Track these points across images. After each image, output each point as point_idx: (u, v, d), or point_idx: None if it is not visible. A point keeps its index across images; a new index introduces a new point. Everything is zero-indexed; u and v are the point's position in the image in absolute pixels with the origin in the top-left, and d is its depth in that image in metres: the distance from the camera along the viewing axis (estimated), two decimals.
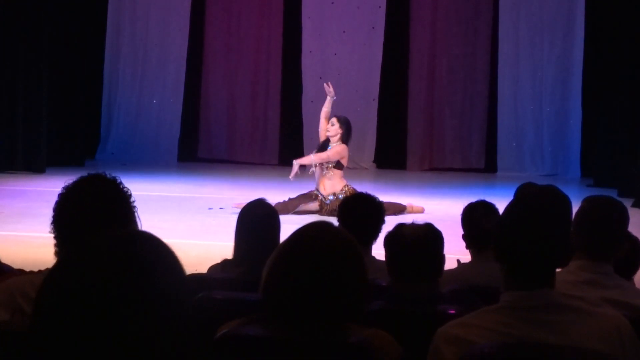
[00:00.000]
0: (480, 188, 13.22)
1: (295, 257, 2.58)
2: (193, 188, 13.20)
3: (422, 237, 3.86)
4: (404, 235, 3.88)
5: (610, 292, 3.58)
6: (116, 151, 16.65)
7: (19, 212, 10.27)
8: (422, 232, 3.89)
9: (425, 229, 3.92)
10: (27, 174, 13.92)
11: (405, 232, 3.89)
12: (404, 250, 3.82)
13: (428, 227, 3.95)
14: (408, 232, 3.88)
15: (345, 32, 16.58)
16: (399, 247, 3.85)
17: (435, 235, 3.93)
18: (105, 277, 1.48)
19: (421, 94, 16.75)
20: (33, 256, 6.61)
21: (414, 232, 3.88)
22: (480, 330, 2.68)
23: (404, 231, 3.90)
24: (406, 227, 3.94)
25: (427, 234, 3.89)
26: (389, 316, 3.55)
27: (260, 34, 16.87)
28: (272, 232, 4.51)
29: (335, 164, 11.02)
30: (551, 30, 16.23)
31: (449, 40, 16.68)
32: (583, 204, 3.80)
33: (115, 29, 16.75)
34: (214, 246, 8.04)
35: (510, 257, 2.74)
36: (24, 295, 2.76)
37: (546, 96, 16.40)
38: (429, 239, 3.87)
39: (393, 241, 3.92)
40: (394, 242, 3.90)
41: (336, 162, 11.00)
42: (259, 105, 16.97)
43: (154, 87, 16.87)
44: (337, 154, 10.95)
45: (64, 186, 2.94)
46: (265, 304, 2.63)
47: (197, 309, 3.49)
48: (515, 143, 16.57)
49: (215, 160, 16.76)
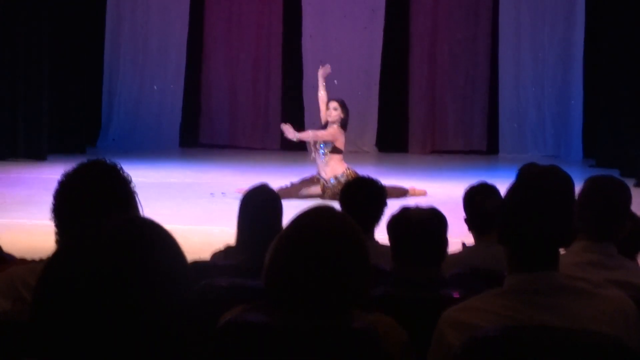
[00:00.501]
0: (483, 170, 13.20)
1: (296, 242, 2.56)
2: (195, 174, 13.20)
3: (426, 220, 3.84)
4: (408, 218, 3.86)
5: (614, 273, 3.57)
6: (117, 138, 16.64)
7: (21, 200, 10.26)
8: (426, 216, 3.87)
9: (429, 213, 3.91)
10: (28, 161, 13.93)
11: (410, 216, 3.87)
12: (408, 234, 3.81)
13: (432, 211, 3.93)
14: (412, 216, 3.87)
15: (346, 16, 16.54)
16: (403, 231, 3.84)
17: (439, 218, 3.91)
18: (105, 263, 1.48)
19: (422, 77, 16.73)
20: (35, 244, 6.59)
21: (418, 215, 3.87)
22: (484, 314, 2.67)
23: (408, 215, 3.89)
24: (410, 210, 3.93)
25: (431, 218, 3.88)
26: (392, 301, 3.54)
27: (260, 19, 16.84)
28: (274, 217, 4.49)
29: (332, 149, 11.01)
30: (552, 12, 16.19)
31: (450, 23, 16.65)
32: (586, 184, 3.78)
33: (115, 15, 16.71)
34: (216, 232, 8.04)
35: (513, 239, 2.73)
36: (25, 284, 2.76)
37: (547, 78, 16.38)
38: (433, 223, 3.86)
39: (397, 225, 3.90)
40: (398, 226, 3.89)
41: (332, 147, 10.99)
42: (260, 90, 16.96)
43: (154, 74, 16.84)
44: (330, 135, 10.95)
45: (64, 173, 2.93)
46: (268, 291, 2.62)
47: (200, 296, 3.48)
48: (517, 125, 16.56)
49: (216, 145, 16.75)
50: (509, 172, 4.52)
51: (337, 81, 16.44)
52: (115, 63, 16.84)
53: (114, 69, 16.86)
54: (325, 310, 2.54)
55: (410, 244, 3.79)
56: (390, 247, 3.93)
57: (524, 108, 16.53)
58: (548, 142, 16.49)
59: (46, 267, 1.52)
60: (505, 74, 16.51)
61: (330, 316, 2.55)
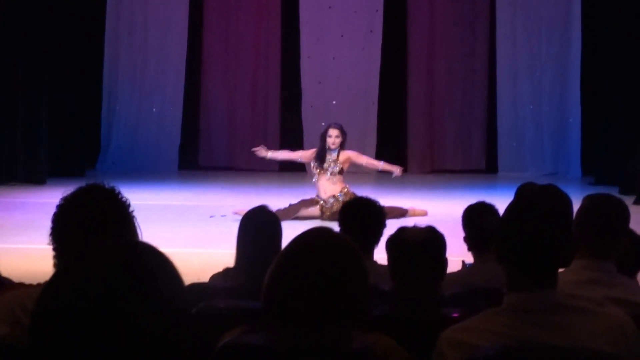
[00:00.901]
0: (482, 189, 13.20)
1: (295, 263, 2.56)
2: (194, 196, 13.20)
3: (424, 240, 3.84)
4: (405, 238, 3.86)
5: (613, 291, 3.57)
6: (117, 160, 16.66)
7: (20, 224, 10.24)
8: (423, 235, 3.87)
9: (427, 232, 3.90)
10: (27, 185, 13.92)
11: (407, 236, 3.87)
12: (406, 254, 3.80)
13: (430, 230, 3.93)
14: (410, 236, 3.86)
15: (344, 36, 16.59)
16: (401, 251, 3.84)
17: (437, 237, 3.90)
18: (103, 287, 1.48)
19: (420, 96, 16.77)
20: (35, 269, 6.57)
21: (415, 235, 3.86)
22: (483, 333, 2.66)
23: (405, 235, 3.89)
24: (408, 230, 3.93)
25: (428, 237, 3.87)
26: (392, 321, 3.53)
27: (258, 40, 16.89)
28: (274, 239, 4.48)
29: (340, 170, 11.21)
30: (548, 29, 16.25)
31: (447, 42, 16.70)
32: (584, 202, 3.79)
33: (113, 38, 16.76)
34: (216, 254, 8.02)
35: (512, 258, 2.73)
36: (23, 309, 2.75)
37: (545, 95, 16.42)
38: (430, 242, 3.85)
39: (395, 245, 3.90)
40: (396, 246, 3.88)
41: (340, 168, 11.20)
42: (258, 111, 16.99)
43: (153, 96, 16.88)
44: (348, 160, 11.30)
45: (62, 197, 2.94)
46: (266, 312, 2.62)
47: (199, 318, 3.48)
48: (515, 143, 16.58)
49: (216, 167, 16.77)
50: (509, 190, 4.53)
51: (336, 101, 16.50)
52: (114, 85, 16.88)
53: (112, 91, 16.90)
54: (325, 331, 2.54)
55: (407, 264, 3.79)
56: (388, 267, 3.93)
57: (522, 126, 16.56)
58: (547, 161, 16.51)
59: (44, 291, 1.53)
60: (503, 92, 16.54)
61: (329, 337, 2.54)
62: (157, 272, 1.55)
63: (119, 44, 16.78)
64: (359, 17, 16.53)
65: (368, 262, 4.63)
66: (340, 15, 16.53)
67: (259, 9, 16.81)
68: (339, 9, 16.54)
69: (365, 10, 16.52)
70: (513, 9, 16.34)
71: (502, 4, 16.37)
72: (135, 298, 1.48)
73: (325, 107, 16.48)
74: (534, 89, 16.48)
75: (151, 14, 16.71)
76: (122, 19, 16.74)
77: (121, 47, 16.79)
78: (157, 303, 1.51)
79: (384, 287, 4.09)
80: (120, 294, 1.48)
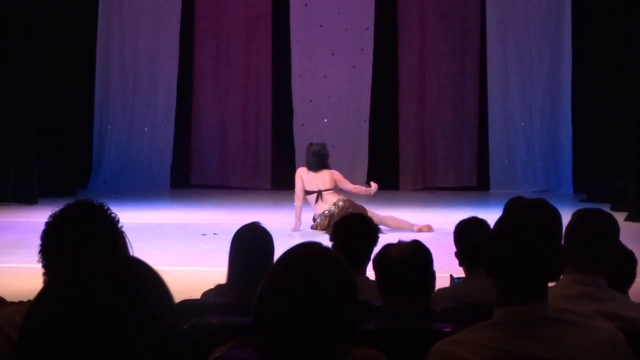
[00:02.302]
0: (474, 206, 13.21)
1: (282, 278, 2.57)
2: (186, 215, 13.20)
3: (408, 256, 3.83)
4: (389, 256, 3.86)
5: (604, 305, 3.57)
6: (108, 180, 16.65)
7: (12, 244, 10.22)
8: (407, 252, 3.86)
9: (411, 248, 3.90)
10: (19, 205, 13.90)
11: (392, 253, 3.87)
12: (391, 271, 3.81)
13: (414, 246, 3.93)
14: (394, 253, 3.86)
15: (334, 54, 16.63)
16: (386, 268, 3.84)
17: (421, 252, 3.90)
18: (91, 302, 1.47)
19: (411, 114, 16.80)
20: (26, 288, 6.57)
21: (399, 252, 3.86)
22: (473, 347, 2.66)
23: (389, 252, 3.89)
24: (392, 247, 3.92)
25: (413, 253, 3.86)
26: (383, 336, 3.53)
27: (249, 58, 16.92)
28: (265, 255, 4.47)
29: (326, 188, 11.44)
30: (539, 47, 16.31)
31: (438, 59, 16.75)
32: (573, 218, 3.79)
33: (104, 58, 16.78)
34: (208, 272, 8.01)
35: (501, 271, 2.73)
36: (13, 325, 2.75)
37: (536, 112, 16.46)
38: (415, 258, 3.84)
39: (380, 263, 3.90)
40: (381, 264, 3.89)
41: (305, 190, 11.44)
42: (250, 130, 17.01)
43: (144, 115, 16.89)
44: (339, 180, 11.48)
45: (51, 214, 2.95)
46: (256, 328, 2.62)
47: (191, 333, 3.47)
48: (507, 160, 16.61)
49: (208, 186, 16.77)
50: (501, 207, 4.54)
51: (327, 119, 16.53)
52: (106, 105, 16.88)
53: (104, 111, 16.91)
54: (313, 346, 2.53)
55: (393, 281, 3.79)
56: (376, 285, 3.93)
57: (514, 143, 16.60)
58: (539, 178, 16.54)
59: (32, 307, 1.52)
60: (494, 109, 16.58)
61: (318, 352, 2.54)
62: (145, 286, 1.54)
63: (110, 63, 16.80)
64: (350, 35, 16.57)
65: (360, 278, 4.64)
66: (331, 33, 16.58)
67: (250, 28, 16.84)
68: (330, 27, 16.58)
69: (355, 28, 16.56)
70: (503, 26, 16.40)
71: (492, 22, 16.43)
72: (124, 312, 1.48)
73: (316, 126, 16.50)
74: (525, 106, 16.52)
75: (142, 34, 16.73)
76: (113, 38, 16.76)
77: (112, 66, 16.80)
78: (146, 318, 1.50)
79: (375, 303, 4.09)
80: (108, 308, 1.47)
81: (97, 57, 16.72)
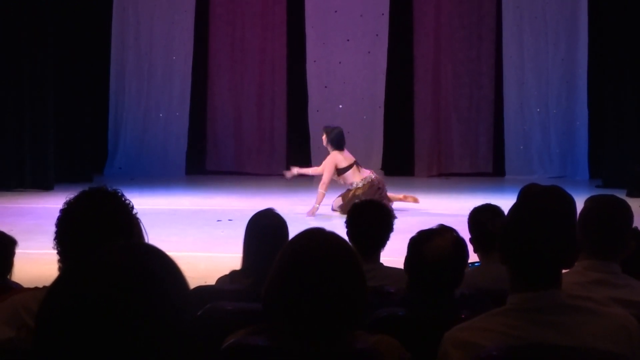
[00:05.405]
0: (489, 192, 13.19)
1: (290, 265, 2.58)
2: (201, 200, 13.21)
3: (447, 258, 3.71)
4: (425, 257, 3.70)
5: (618, 291, 3.56)
6: (124, 166, 16.68)
7: (28, 229, 10.25)
8: (446, 253, 3.72)
9: (450, 249, 3.74)
10: (35, 191, 13.95)
11: (427, 254, 3.72)
12: (427, 272, 3.69)
13: (453, 244, 3.77)
14: (430, 253, 3.72)
15: (350, 40, 16.60)
16: (422, 270, 3.70)
17: (458, 250, 3.77)
18: (106, 289, 1.48)
19: (427, 100, 16.77)
20: (43, 274, 6.58)
21: (437, 252, 3.70)
22: (487, 333, 2.67)
23: (425, 252, 3.74)
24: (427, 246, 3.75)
25: (451, 254, 3.73)
26: (398, 322, 3.53)
27: (264, 45, 16.90)
28: (280, 241, 4.46)
29: (338, 172, 11.65)
30: (555, 32, 16.24)
31: (453, 45, 16.70)
32: (586, 204, 3.78)
33: (119, 44, 16.79)
34: (223, 258, 8.04)
35: (515, 258, 2.73)
36: (29, 311, 2.76)
37: (552, 98, 16.40)
38: (452, 259, 3.73)
39: (415, 264, 3.75)
40: (417, 266, 3.75)
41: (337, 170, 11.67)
42: (265, 116, 17.00)
43: (160, 101, 16.90)
44: (328, 164, 11.71)
45: (66, 201, 2.96)
46: (267, 314, 2.63)
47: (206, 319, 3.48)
48: (522, 146, 16.57)
49: (223, 172, 16.78)
50: (516, 194, 4.53)
51: (342, 105, 16.51)
52: (121, 91, 16.90)
53: (119, 97, 16.93)
54: (325, 332, 2.54)
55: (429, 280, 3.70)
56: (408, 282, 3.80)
57: (530, 129, 16.55)
58: (554, 163, 16.49)
59: (48, 294, 1.53)
60: (510, 95, 16.54)
61: (330, 338, 2.55)
62: (160, 273, 1.55)
63: (126, 50, 16.81)
64: (365, 20, 16.53)
65: (374, 265, 4.64)
66: (346, 19, 16.54)
67: (265, 14, 16.82)
68: (345, 13, 16.54)
69: (371, 14, 16.52)
70: (519, 12, 16.33)
71: (508, 7, 16.36)
72: (139, 299, 1.48)
73: (331, 112, 16.48)
74: (540, 92, 16.47)
75: (157, 20, 16.73)
76: (128, 25, 16.76)
77: (128, 53, 16.81)
78: (161, 305, 1.50)
79: (390, 289, 4.09)
80: (123, 295, 1.47)
81: (112, 44, 16.73)
